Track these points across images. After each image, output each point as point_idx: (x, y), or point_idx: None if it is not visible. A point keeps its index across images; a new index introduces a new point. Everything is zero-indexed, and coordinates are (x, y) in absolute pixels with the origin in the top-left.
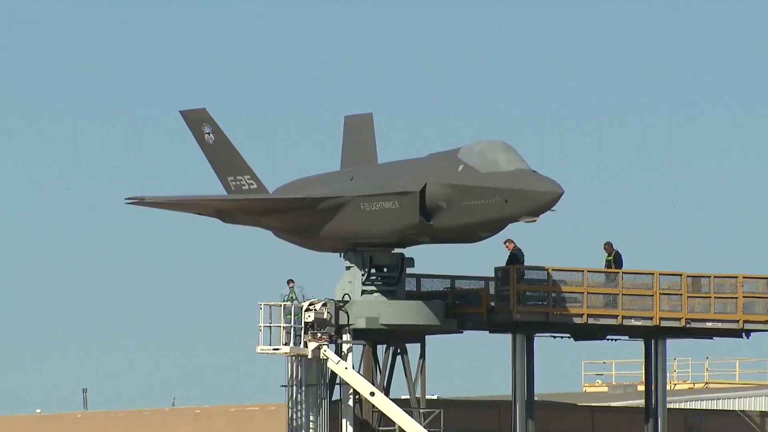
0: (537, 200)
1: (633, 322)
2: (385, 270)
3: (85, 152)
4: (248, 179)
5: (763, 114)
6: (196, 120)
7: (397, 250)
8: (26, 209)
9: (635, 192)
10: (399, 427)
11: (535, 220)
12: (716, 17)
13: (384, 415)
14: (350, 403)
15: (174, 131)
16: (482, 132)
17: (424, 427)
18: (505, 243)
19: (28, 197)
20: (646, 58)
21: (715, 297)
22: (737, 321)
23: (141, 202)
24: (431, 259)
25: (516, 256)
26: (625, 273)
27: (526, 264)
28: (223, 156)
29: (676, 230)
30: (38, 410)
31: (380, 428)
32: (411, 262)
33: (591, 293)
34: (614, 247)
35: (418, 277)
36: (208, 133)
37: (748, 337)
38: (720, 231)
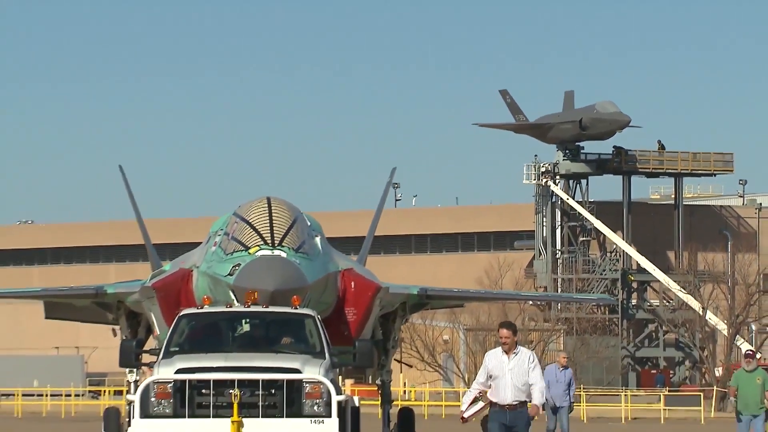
0: (620, 122)
1: (670, 171)
2: (571, 151)
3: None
4: (523, 118)
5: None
6: (505, 95)
7: (577, 143)
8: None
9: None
10: (577, 212)
11: (621, 131)
12: None
13: (572, 207)
14: (559, 202)
15: (495, 101)
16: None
17: (588, 212)
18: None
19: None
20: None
21: (702, 161)
22: (710, 169)
23: (483, 125)
24: (591, 146)
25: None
26: (673, 152)
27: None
28: (514, 110)
29: (686, 114)
30: None
31: (570, 212)
32: (582, 147)
33: (654, 159)
34: (663, 146)
35: (586, 154)
36: (509, 101)
37: (714, 177)
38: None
